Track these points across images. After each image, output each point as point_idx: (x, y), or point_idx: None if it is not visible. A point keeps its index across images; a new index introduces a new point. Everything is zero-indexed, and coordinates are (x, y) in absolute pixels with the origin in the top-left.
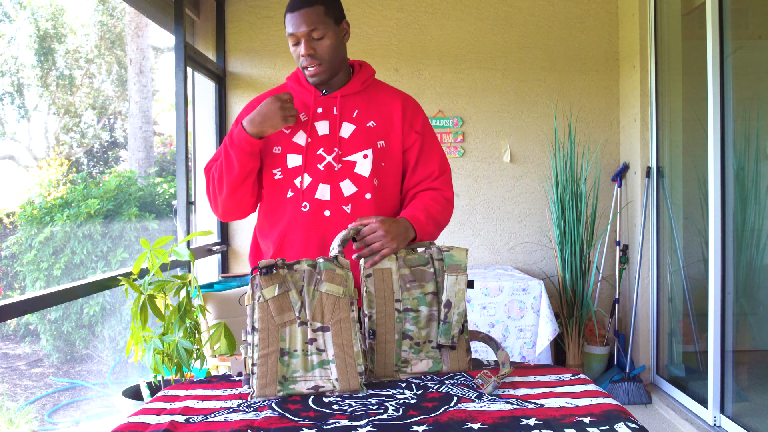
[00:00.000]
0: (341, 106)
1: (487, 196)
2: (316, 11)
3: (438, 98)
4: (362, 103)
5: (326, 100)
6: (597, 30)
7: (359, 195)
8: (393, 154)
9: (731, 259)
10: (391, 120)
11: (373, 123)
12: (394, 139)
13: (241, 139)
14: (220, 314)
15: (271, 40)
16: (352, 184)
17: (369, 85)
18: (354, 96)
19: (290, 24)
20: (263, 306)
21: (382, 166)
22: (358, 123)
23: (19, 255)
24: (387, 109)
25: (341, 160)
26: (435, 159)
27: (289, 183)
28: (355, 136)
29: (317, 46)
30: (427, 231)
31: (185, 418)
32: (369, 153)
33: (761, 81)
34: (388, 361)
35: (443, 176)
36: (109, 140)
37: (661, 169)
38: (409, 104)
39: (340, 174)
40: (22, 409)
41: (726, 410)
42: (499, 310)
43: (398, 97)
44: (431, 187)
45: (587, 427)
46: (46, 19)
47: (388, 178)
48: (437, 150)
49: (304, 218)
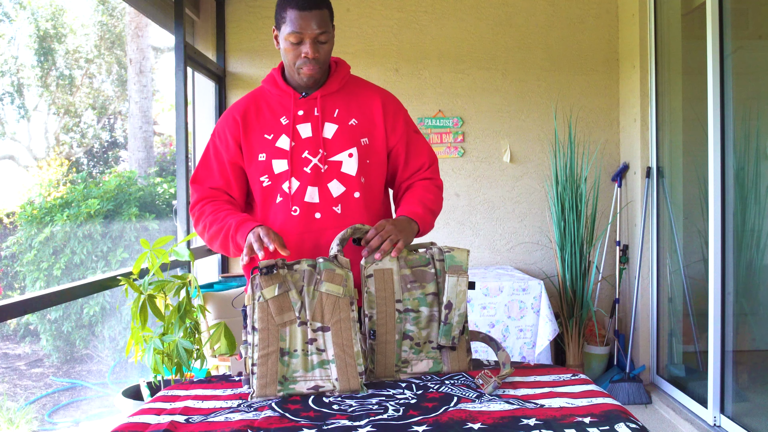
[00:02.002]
0: (322, 106)
1: (487, 196)
2: (324, 14)
3: (438, 98)
4: (342, 101)
5: (306, 101)
6: (597, 30)
7: (348, 194)
8: (376, 151)
9: (731, 259)
10: (372, 117)
11: (354, 121)
12: (377, 136)
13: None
14: (220, 314)
15: (271, 40)
16: (340, 184)
17: (347, 82)
18: (333, 95)
19: (296, 23)
20: (263, 306)
21: (367, 164)
22: (340, 122)
23: (19, 255)
24: (367, 106)
25: (327, 161)
26: (423, 151)
27: (278, 188)
28: (339, 135)
29: (320, 49)
30: (427, 221)
31: (185, 418)
32: (354, 152)
33: (761, 81)
34: (388, 362)
35: (433, 165)
36: (109, 140)
37: (661, 169)
38: (389, 102)
39: (327, 175)
40: (22, 409)
41: (726, 410)
42: (499, 310)
43: (377, 95)
44: (424, 177)
45: (587, 427)
46: (46, 19)
47: (373, 175)
48: (423, 142)
49: (295, 222)
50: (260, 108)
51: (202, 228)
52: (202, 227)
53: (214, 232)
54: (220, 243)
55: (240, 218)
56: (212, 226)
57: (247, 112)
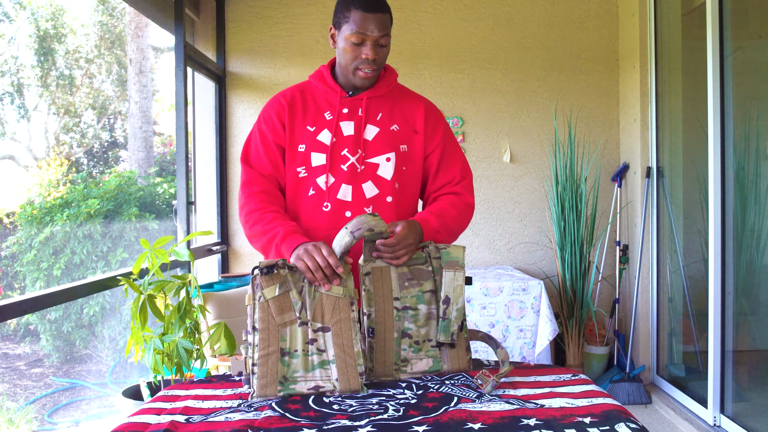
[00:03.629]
0: (366, 107)
1: (487, 196)
2: (386, 18)
3: (438, 98)
4: (387, 106)
5: (352, 101)
6: (597, 30)
7: (381, 197)
8: (414, 159)
9: (731, 259)
10: (414, 125)
11: (396, 127)
12: (416, 145)
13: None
14: (220, 314)
15: (271, 40)
16: (374, 186)
17: (393, 88)
18: (379, 98)
19: (360, 24)
20: (264, 306)
21: (403, 170)
22: (382, 126)
23: (19, 255)
24: (411, 114)
25: (364, 162)
26: (457, 164)
27: (312, 182)
28: (379, 138)
29: (380, 52)
30: (437, 238)
31: (185, 418)
32: (392, 156)
33: (761, 81)
34: (387, 360)
35: (464, 181)
36: (109, 140)
37: (661, 169)
38: (432, 111)
39: (362, 175)
40: (22, 409)
41: (726, 410)
42: (499, 310)
43: (422, 104)
44: (453, 191)
45: (587, 427)
46: (46, 19)
47: (408, 183)
48: (459, 155)
49: (325, 218)
50: (306, 100)
51: (245, 220)
52: (245, 220)
53: (258, 231)
54: (262, 246)
55: (287, 228)
56: (256, 225)
57: (294, 101)
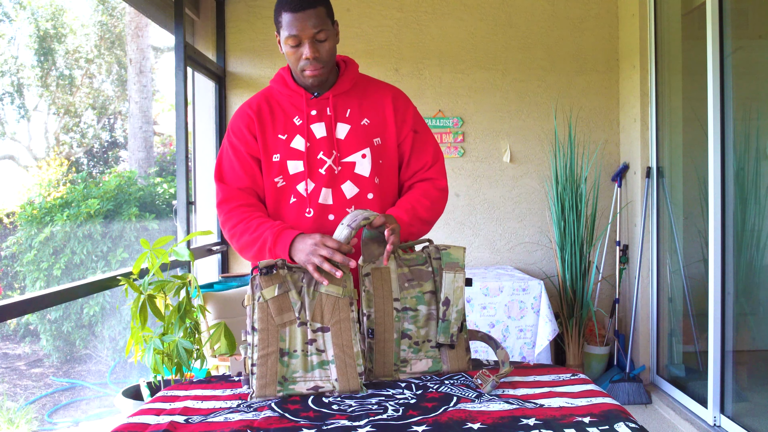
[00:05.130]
0: (334, 106)
1: (487, 196)
2: (319, 12)
3: (438, 98)
4: (354, 101)
5: (318, 101)
6: (597, 30)
7: (361, 195)
8: (389, 150)
9: (731, 259)
10: (384, 116)
11: (367, 120)
12: (388, 135)
13: (280, 252)
14: (220, 314)
15: (271, 40)
16: (354, 185)
17: (357, 81)
18: (345, 95)
19: (292, 25)
20: (263, 306)
21: (380, 164)
22: (353, 122)
23: (19, 255)
24: (379, 105)
25: (340, 162)
26: (428, 149)
27: (292, 189)
28: (351, 135)
29: (320, 48)
30: (411, 231)
31: (185, 419)
32: (367, 152)
33: (761, 81)
34: (387, 360)
35: (436, 164)
36: (109, 140)
37: (661, 169)
38: (400, 98)
39: (340, 176)
40: (22, 409)
41: (726, 410)
42: (499, 310)
43: (388, 92)
44: (425, 177)
45: (587, 427)
46: (46, 19)
47: (387, 175)
48: (430, 139)
49: (308, 223)
50: (273, 107)
51: (230, 235)
52: (230, 235)
53: (247, 242)
54: (254, 255)
55: (274, 230)
56: (243, 236)
57: (261, 111)
